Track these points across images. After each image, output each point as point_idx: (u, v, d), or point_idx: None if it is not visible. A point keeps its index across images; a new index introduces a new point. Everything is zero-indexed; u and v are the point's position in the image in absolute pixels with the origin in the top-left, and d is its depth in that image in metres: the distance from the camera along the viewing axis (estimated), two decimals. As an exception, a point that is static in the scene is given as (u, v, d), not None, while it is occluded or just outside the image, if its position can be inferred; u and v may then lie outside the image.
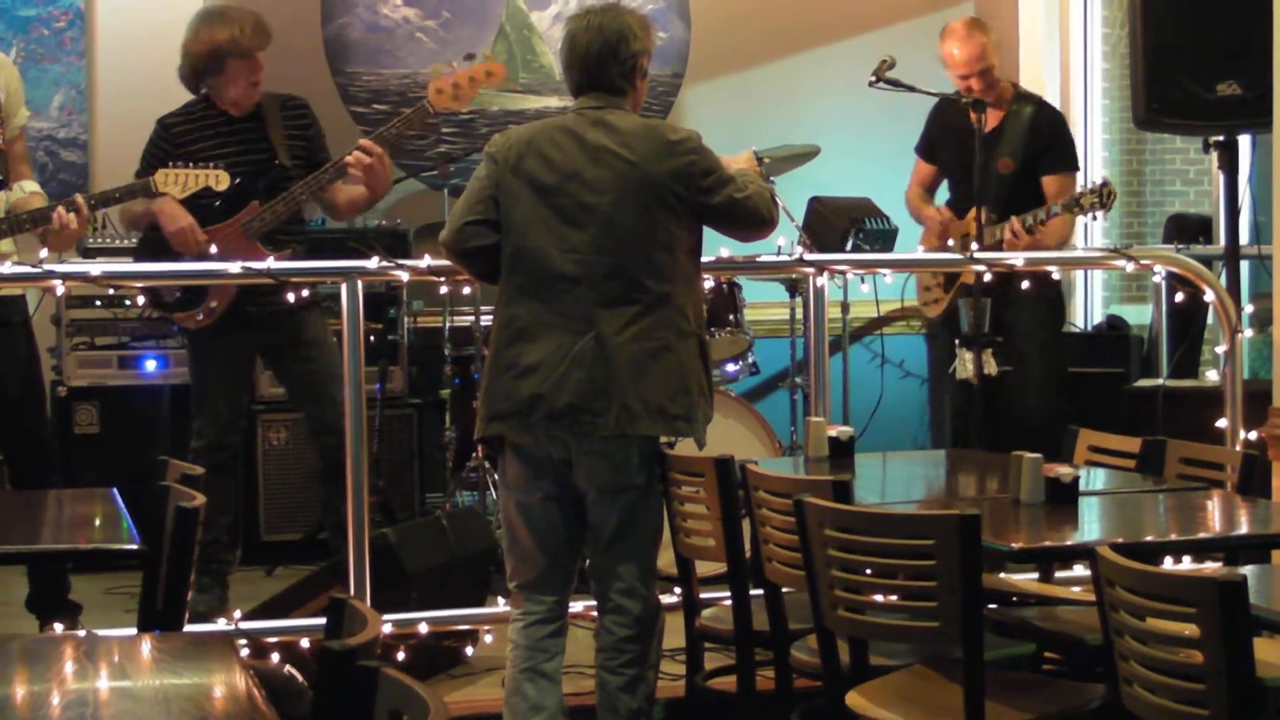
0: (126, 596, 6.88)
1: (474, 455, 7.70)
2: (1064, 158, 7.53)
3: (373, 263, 5.74)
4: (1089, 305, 9.47)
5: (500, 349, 5.06)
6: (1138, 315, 9.04)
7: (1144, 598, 3.49)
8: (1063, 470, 4.73)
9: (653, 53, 5.25)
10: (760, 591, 4.85)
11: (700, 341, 5.10)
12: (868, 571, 4.18)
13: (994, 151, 7.35)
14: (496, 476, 6.10)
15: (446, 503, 7.83)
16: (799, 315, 8.15)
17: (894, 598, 4.20)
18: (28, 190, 6.40)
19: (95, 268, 5.63)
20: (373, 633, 2.97)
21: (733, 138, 8.03)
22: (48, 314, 7.73)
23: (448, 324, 8.02)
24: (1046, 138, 7.41)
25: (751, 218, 5.16)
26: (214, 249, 6.39)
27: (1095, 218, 7.28)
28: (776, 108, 9.14)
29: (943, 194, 7.82)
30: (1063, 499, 4.67)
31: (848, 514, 4.27)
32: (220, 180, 6.27)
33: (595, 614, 5.18)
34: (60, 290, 5.71)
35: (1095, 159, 9.47)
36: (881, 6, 9.31)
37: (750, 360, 7.94)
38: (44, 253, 5.88)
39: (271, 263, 5.79)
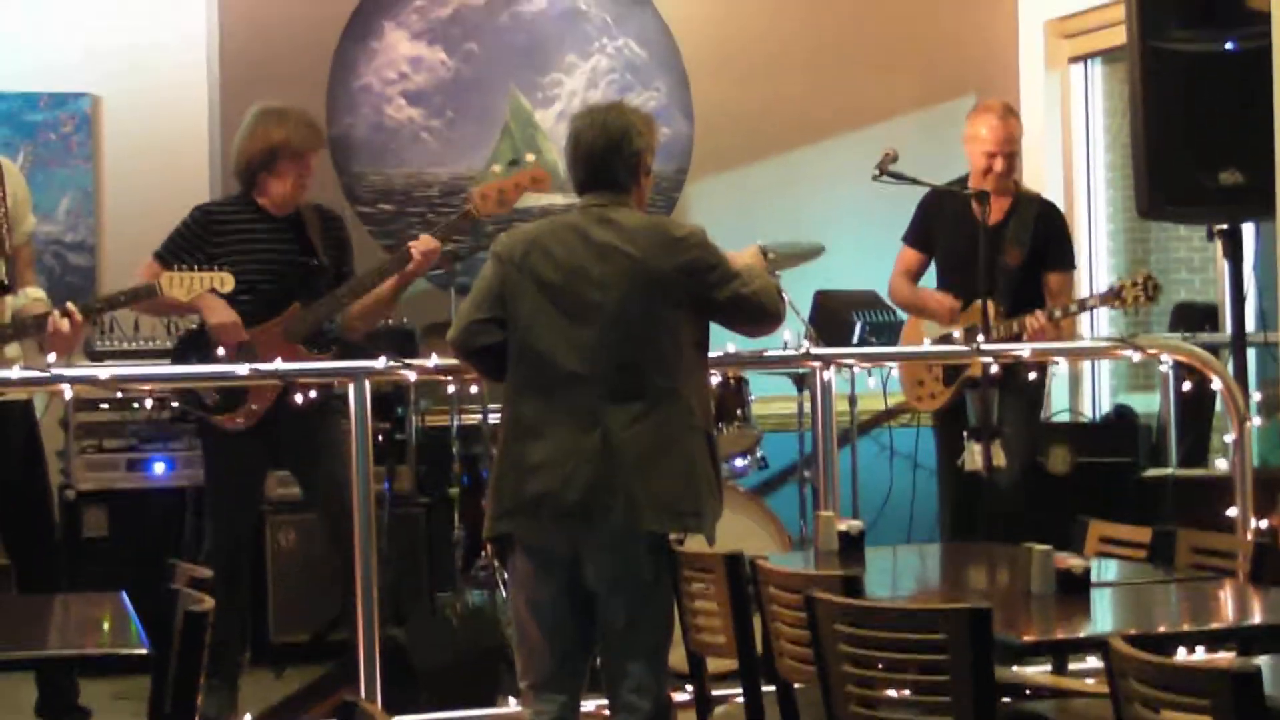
0: (136, 701, 6.85)
1: (483, 553, 7.68)
2: (1067, 255, 7.56)
3: (380, 362, 5.75)
4: (1096, 394, 9.46)
5: (507, 446, 5.07)
6: (1146, 404, 9.03)
7: (1158, 689, 3.47)
8: (1074, 562, 4.71)
9: (656, 149, 5.28)
10: (772, 688, 4.82)
11: (709, 436, 5.10)
12: (880, 666, 4.16)
13: (1000, 244, 7.35)
14: (506, 574, 6.08)
15: (456, 601, 7.80)
16: (806, 409, 8.14)
17: (906, 692, 4.18)
18: (32, 297, 6.43)
19: (103, 371, 5.64)
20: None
21: (737, 232, 8.02)
22: (56, 417, 7.74)
23: (456, 422, 8.00)
24: (1052, 234, 7.42)
25: (758, 312, 5.18)
26: (251, 348, 6.41)
27: (1139, 312, 7.28)
28: (780, 202, 9.18)
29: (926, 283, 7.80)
30: (1074, 590, 4.65)
31: (859, 609, 4.25)
32: (225, 283, 6.30)
33: (607, 712, 5.15)
34: (68, 394, 5.71)
35: (1100, 248, 9.49)
36: (882, 100, 9.35)
37: (759, 454, 7.93)
38: (51, 357, 5.89)
39: (281, 364, 5.79)
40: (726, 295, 5.08)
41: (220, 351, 6.40)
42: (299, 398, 6.05)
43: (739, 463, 7.83)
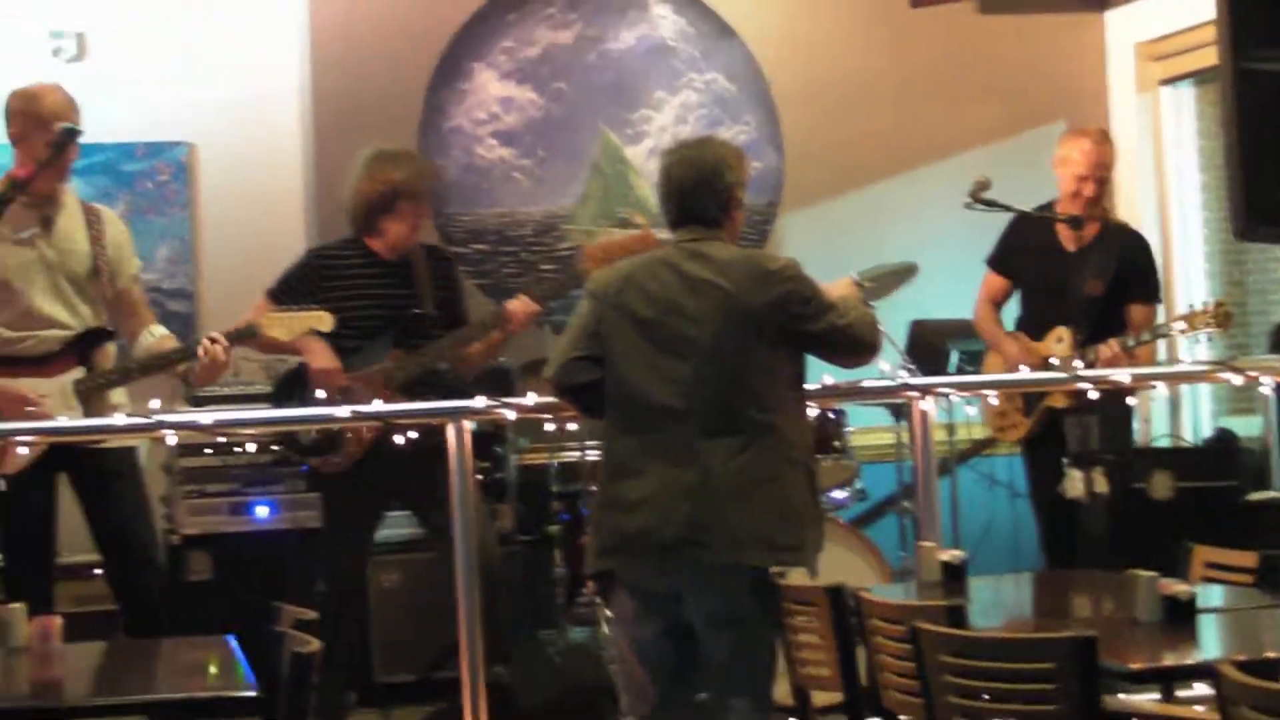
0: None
1: (584, 590, 7.68)
2: (1152, 287, 7.51)
3: (479, 402, 5.76)
4: (1197, 418, 9.38)
5: (607, 484, 5.08)
6: (1247, 427, 8.94)
7: (1270, 716, 3.43)
8: (1179, 588, 4.67)
9: (747, 183, 5.28)
10: (878, 720, 4.81)
11: (808, 470, 5.09)
12: (985, 697, 4.13)
13: (1083, 272, 7.30)
14: (608, 611, 6.08)
15: (559, 639, 7.80)
16: (904, 439, 8.12)
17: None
18: (158, 334, 6.51)
19: (206, 417, 5.68)
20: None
21: (829, 264, 8.02)
22: (159, 463, 7.81)
23: (554, 460, 8.01)
24: (1137, 265, 7.36)
25: (854, 344, 5.17)
26: (352, 393, 6.45)
27: (1210, 339, 7.22)
28: (872, 232, 9.15)
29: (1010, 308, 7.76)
30: (1180, 617, 4.61)
31: (963, 639, 4.23)
32: (324, 322, 6.35)
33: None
34: (172, 440, 5.76)
35: (1196, 271, 9.42)
36: (971, 129, 9.31)
37: (857, 486, 7.92)
38: (155, 403, 5.94)
39: (380, 405, 5.82)
40: (822, 327, 5.08)
41: (320, 394, 6.44)
42: (399, 439, 6.07)
43: (838, 494, 7.82)
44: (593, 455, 7.45)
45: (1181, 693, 5.74)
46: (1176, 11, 9.08)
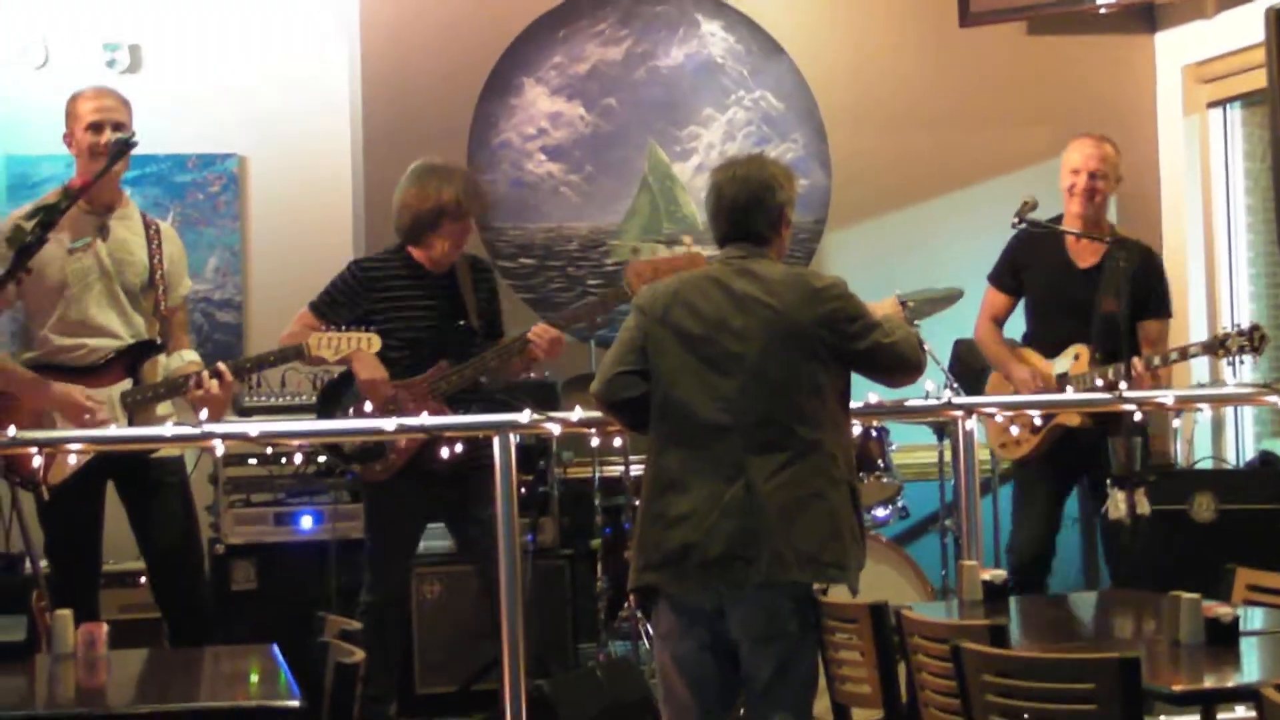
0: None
1: (626, 604, 7.68)
2: (1165, 304, 7.42)
3: (524, 416, 5.77)
4: (1240, 441, 9.34)
5: (652, 499, 5.06)
6: (1289, 448, 8.91)
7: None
8: (1222, 610, 4.65)
9: (795, 201, 5.27)
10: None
11: (851, 488, 5.07)
12: (1027, 717, 4.12)
13: (1097, 289, 7.26)
14: (649, 626, 6.07)
15: (600, 652, 7.80)
16: (947, 457, 8.10)
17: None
18: (186, 359, 6.53)
19: (253, 427, 5.70)
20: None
21: (875, 282, 8.02)
22: (205, 472, 7.83)
23: (598, 474, 8.02)
24: (1151, 283, 7.28)
25: (899, 363, 5.16)
26: (397, 403, 6.47)
27: (1242, 362, 7.17)
28: (918, 252, 9.14)
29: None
30: (1223, 640, 4.59)
31: (1006, 659, 4.22)
32: (372, 344, 6.35)
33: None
34: (219, 450, 5.78)
35: (1241, 292, 9.38)
36: (1019, 149, 9.29)
37: (900, 504, 7.91)
38: (203, 414, 5.96)
39: (427, 418, 5.82)
40: (867, 346, 5.07)
41: (367, 406, 6.45)
42: (445, 451, 6.07)
43: (880, 512, 7.83)
44: (636, 470, 7.45)
45: (1223, 715, 5.72)
46: (1225, 35, 9.06)
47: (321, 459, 6.48)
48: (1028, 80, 9.49)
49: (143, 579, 7.08)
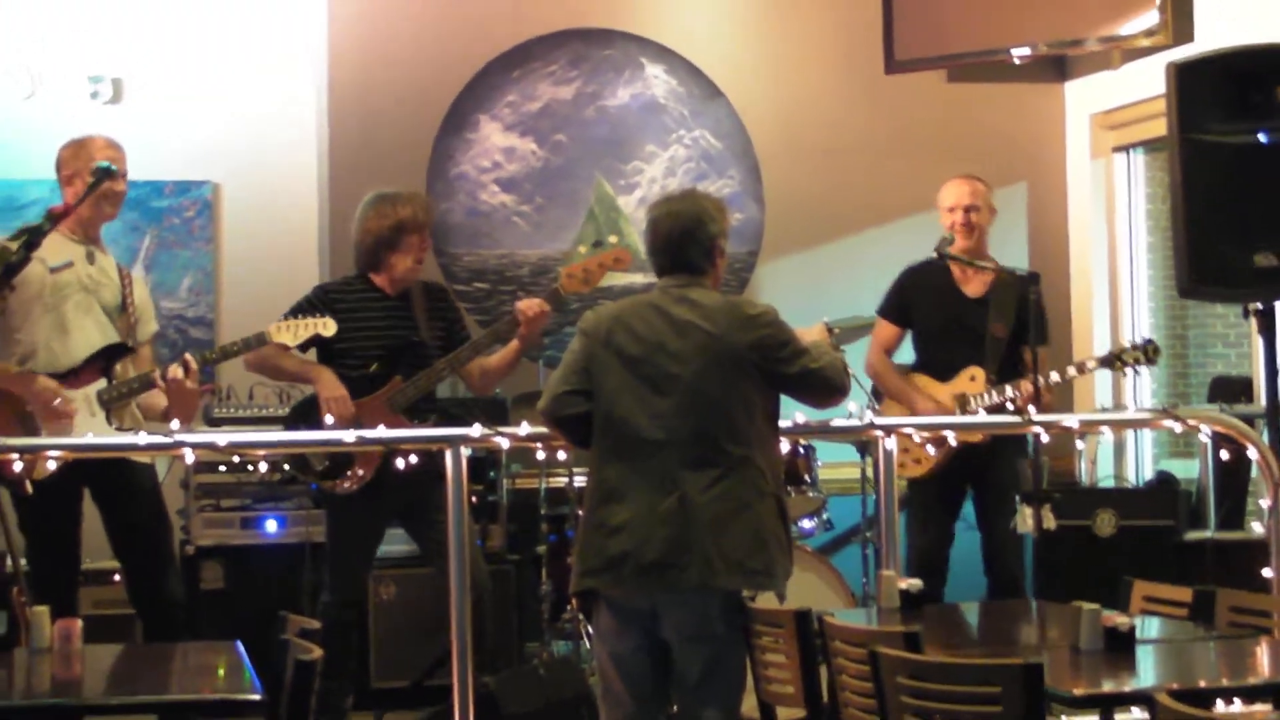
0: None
1: (568, 607, 7.67)
2: (1044, 331, 7.37)
3: (475, 430, 5.76)
4: (1139, 461, 9.40)
5: (593, 509, 5.07)
6: (1185, 469, 8.95)
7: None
8: (1120, 620, 4.68)
9: (729, 232, 5.29)
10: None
11: (779, 500, 5.08)
12: (937, 718, 4.13)
13: (985, 316, 7.28)
14: (590, 627, 6.07)
15: (544, 652, 7.79)
16: (869, 474, 8.13)
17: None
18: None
19: (221, 438, 5.68)
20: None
21: (806, 309, 8.03)
22: (177, 478, 7.80)
23: (544, 485, 8.01)
24: (1033, 310, 7.30)
25: (825, 386, 5.17)
26: (358, 418, 6.45)
27: (1138, 373, 7.21)
28: (844, 280, 9.16)
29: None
30: (1120, 647, 4.62)
31: (918, 663, 4.23)
32: (328, 327, 6.38)
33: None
34: (190, 458, 5.75)
35: (1142, 324, 9.45)
36: (936, 187, 9.14)
37: (824, 517, 7.92)
38: (175, 423, 5.94)
39: (384, 431, 5.81)
40: (796, 370, 5.08)
41: (329, 420, 6.43)
42: (400, 462, 6.06)
43: (806, 524, 7.82)
44: (579, 481, 7.45)
45: (1119, 717, 5.75)
46: (1129, 85, 9.13)
47: (287, 468, 6.44)
48: (947, 123, 9.53)
49: (116, 577, 7.05)
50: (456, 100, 9.01)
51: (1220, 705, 5.00)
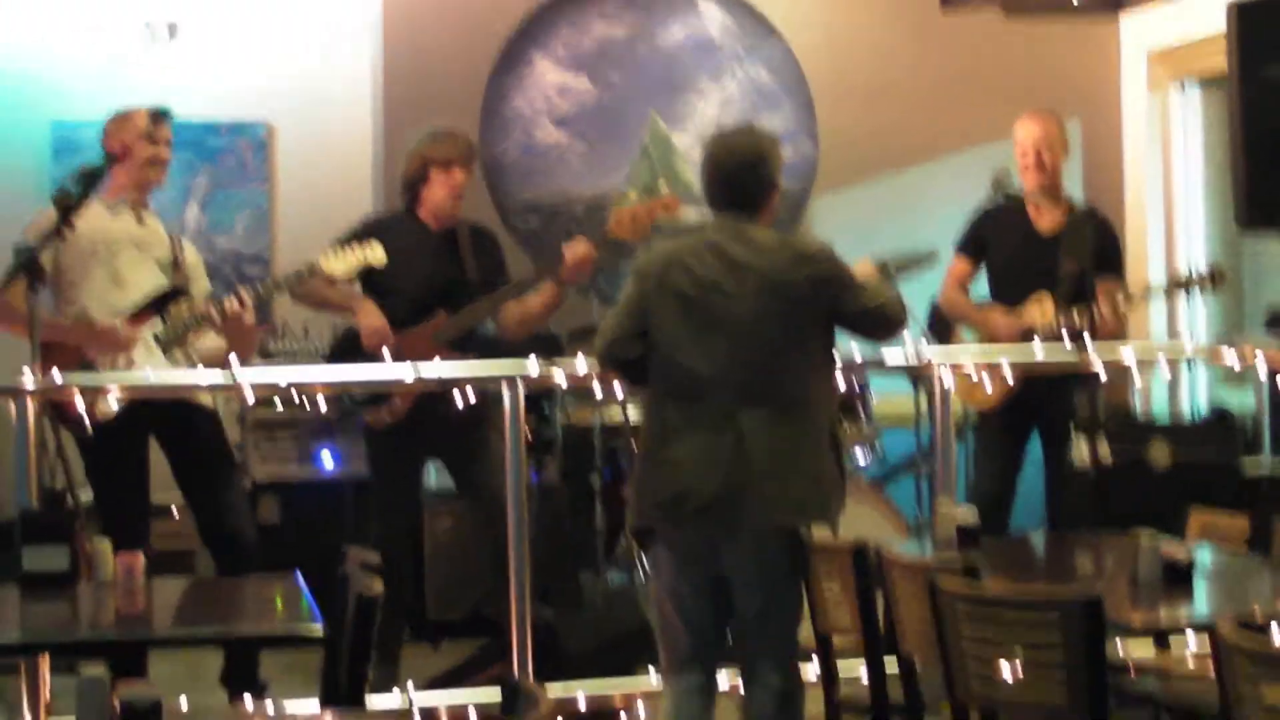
0: (303, 673, 6.93)
1: (623, 539, 7.68)
2: (1120, 266, 7.37)
3: (533, 367, 5.74)
4: (1194, 392, 9.34)
5: (649, 448, 5.04)
6: (1238, 399, 8.89)
7: (1264, 667, 3.41)
8: (1178, 552, 4.65)
9: (783, 169, 5.24)
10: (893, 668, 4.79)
11: (834, 437, 5.05)
12: (995, 650, 4.11)
13: (1058, 253, 7.23)
14: (645, 561, 6.07)
15: (600, 584, 7.81)
16: (922, 407, 8.11)
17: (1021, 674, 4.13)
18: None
19: (280, 375, 5.67)
20: (544, 714, 2.96)
21: (857, 244, 7.96)
22: (232, 412, 7.83)
23: (599, 420, 8.01)
24: (1107, 248, 7.23)
25: (885, 323, 5.14)
26: (400, 353, 6.45)
27: (1204, 296, 7.16)
28: (898, 217, 9.10)
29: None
30: (1179, 579, 4.59)
31: (977, 595, 4.21)
32: (377, 255, 6.35)
33: (741, 690, 5.13)
34: (249, 396, 5.75)
35: (1197, 258, 9.38)
36: (993, 122, 9.18)
37: (877, 449, 7.90)
38: (234, 358, 5.96)
39: (440, 368, 5.79)
40: (855, 308, 5.04)
41: (375, 353, 6.42)
42: (459, 399, 6.03)
43: (860, 457, 7.80)
44: (634, 415, 7.44)
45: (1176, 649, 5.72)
46: (1185, 20, 9.03)
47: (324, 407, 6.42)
48: (1002, 59, 9.45)
49: (176, 513, 7.08)
50: (511, 38, 8.97)
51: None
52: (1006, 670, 4.09)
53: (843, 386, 7.39)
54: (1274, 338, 8.19)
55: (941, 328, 7.86)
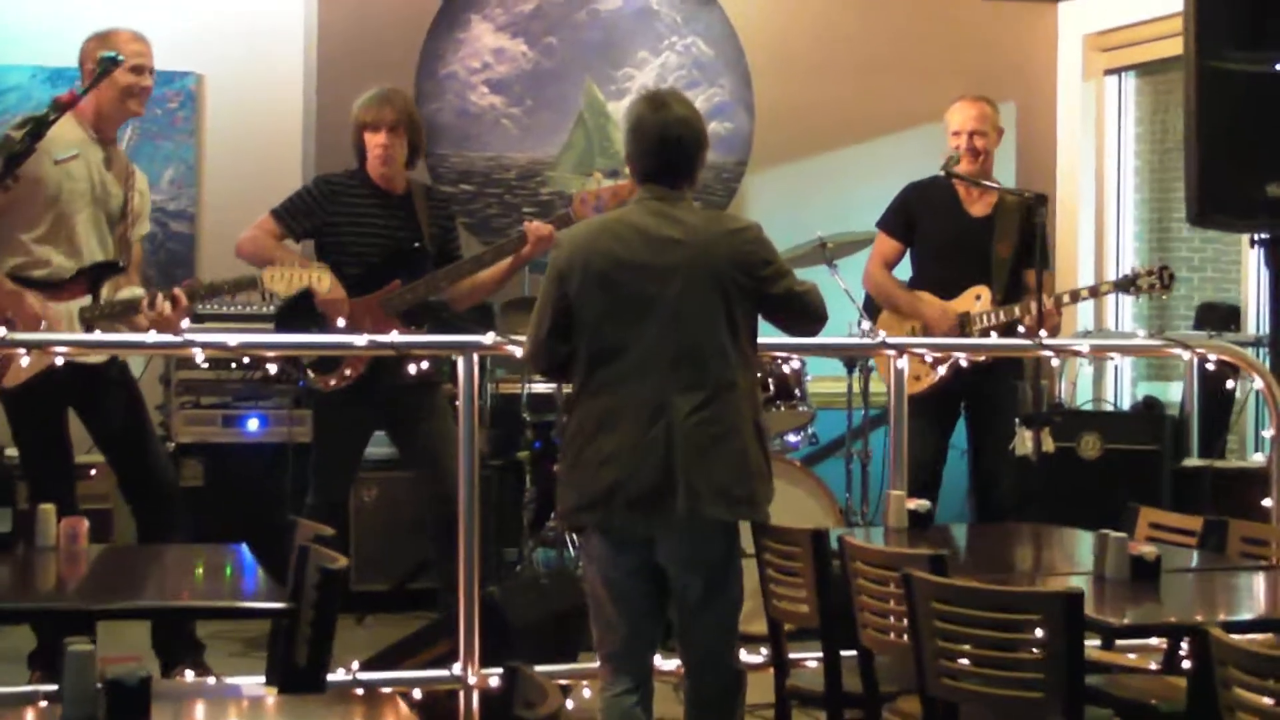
0: (232, 641, 6.90)
1: (552, 516, 7.66)
2: (1046, 254, 7.36)
3: (489, 338, 5.69)
4: (1119, 384, 9.45)
5: (580, 440, 4.89)
6: (1163, 393, 9.00)
7: (1253, 676, 3.44)
8: (1146, 549, 4.69)
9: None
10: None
11: (759, 425, 4.94)
12: (969, 645, 4.13)
13: (990, 236, 7.26)
14: (580, 548, 6.02)
15: (522, 560, 7.80)
16: (856, 389, 8.15)
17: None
18: (133, 294, 6.35)
19: (232, 338, 5.57)
20: (554, 706, 2.93)
21: (792, 222, 8.04)
22: (155, 374, 7.72)
23: (526, 390, 7.98)
24: (1036, 232, 7.28)
25: (808, 311, 5.00)
26: (352, 318, 6.40)
27: (1152, 298, 7.19)
28: (832, 195, 9.15)
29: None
30: (1146, 576, 4.62)
31: (954, 588, 4.22)
32: (322, 281, 6.26)
33: (681, 673, 5.09)
34: (200, 359, 5.66)
35: (1126, 247, 9.49)
36: (929, 103, 9.20)
37: (810, 431, 7.92)
38: (185, 322, 5.88)
39: (396, 336, 5.74)
40: (780, 290, 4.92)
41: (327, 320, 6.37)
42: (413, 368, 5.99)
43: (792, 438, 7.82)
44: (565, 386, 7.40)
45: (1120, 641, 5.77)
46: (1124, 7, 9.11)
47: (273, 368, 6.35)
48: (940, 40, 9.50)
49: (93, 471, 6.98)
50: (449, -2, 8.92)
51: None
52: (981, 665, 4.11)
53: (787, 369, 7.53)
54: (1203, 332, 8.31)
55: (874, 309, 7.89)
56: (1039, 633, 3.97)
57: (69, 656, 3.22)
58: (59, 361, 5.63)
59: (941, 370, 6.95)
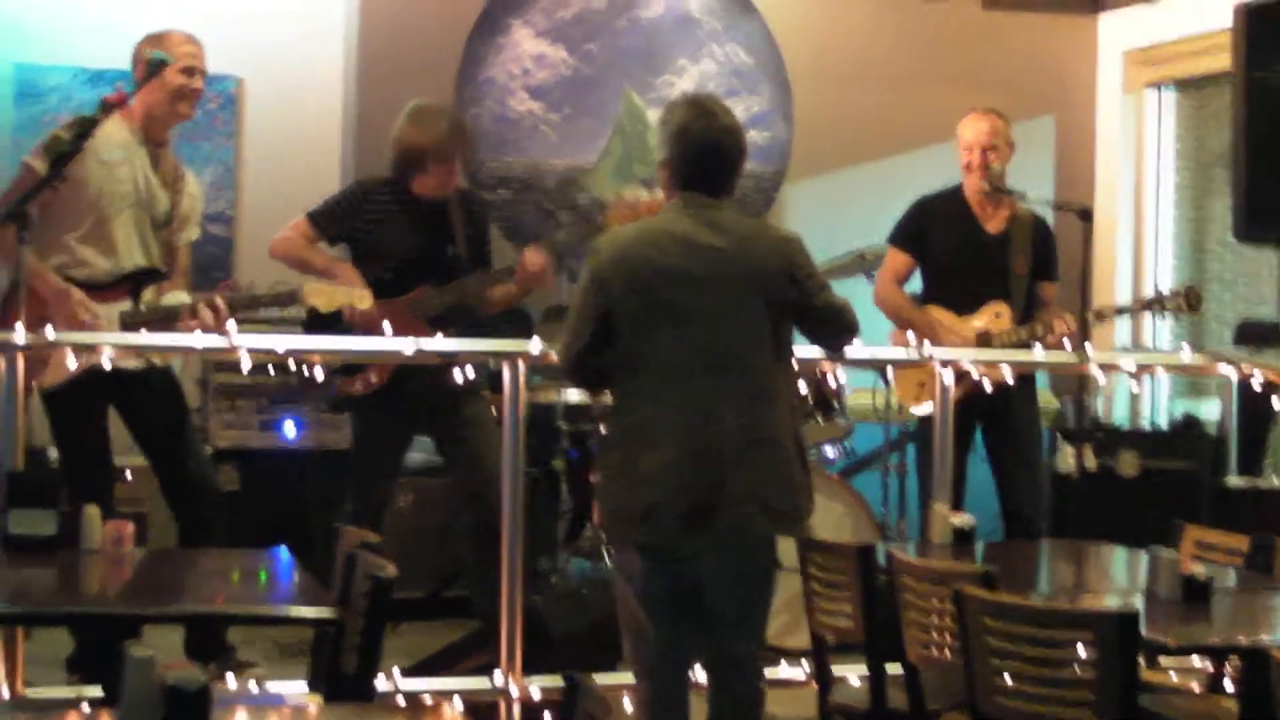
0: (264, 643, 6.90)
1: (588, 524, 7.65)
2: (1056, 268, 7.34)
3: (535, 347, 5.69)
4: (1155, 401, 9.42)
5: (620, 454, 4.86)
6: (1199, 409, 8.95)
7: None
8: (1197, 569, 4.67)
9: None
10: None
11: (798, 437, 4.92)
12: (1020, 662, 4.11)
13: (1006, 253, 7.22)
14: (615, 561, 6.01)
15: (556, 570, 7.78)
16: (893, 401, 8.12)
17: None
18: (178, 300, 6.35)
19: (279, 342, 5.58)
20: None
21: (830, 232, 8.03)
22: (192, 378, 7.73)
23: (563, 399, 7.97)
24: (1049, 247, 7.24)
25: (844, 324, 5.00)
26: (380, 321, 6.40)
27: (1178, 318, 7.17)
28: (870, 206, 9.09)
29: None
30: (1197, 596, 4.60)
31: (1008, 606, 4.20)
32: (364, 300, 6.24)
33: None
34: (246, 363, 5.66)
35: (1164, 263, 9.46)
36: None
37: (847, 444, 7.90)
38: (232, 324, 5.89)
39: (440, 343, 5.73)
40: (820, 303, 4.91)
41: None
42: (451, 376, 5.98)
43: (830, 451, 7.80)
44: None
45: (1163, 659, 5.76)
46: (1164, 22, 9.10)
47: (320, 372, 6.33)
48: (980, 51, 9.49)
49: (129, 474, 6.98)
50: (489, 3, 8.91)
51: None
52: (1033, 683, 4.10)
53: (832, 383, 7.51)
54: (1243, 350, 8.27)
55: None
56: (1090, 652, 3.96)
57: (130, 662, 3.20)
58: (106, 364, 5.63)
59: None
